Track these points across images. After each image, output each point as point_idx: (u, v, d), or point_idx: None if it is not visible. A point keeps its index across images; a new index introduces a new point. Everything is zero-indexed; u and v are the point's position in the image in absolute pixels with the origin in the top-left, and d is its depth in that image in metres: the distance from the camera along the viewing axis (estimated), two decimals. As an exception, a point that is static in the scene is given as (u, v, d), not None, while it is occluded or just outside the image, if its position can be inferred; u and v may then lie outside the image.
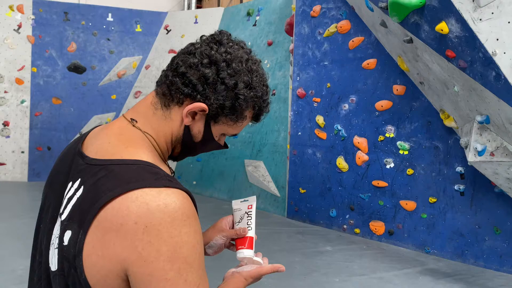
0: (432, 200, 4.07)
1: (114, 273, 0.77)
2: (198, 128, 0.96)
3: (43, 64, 7.32)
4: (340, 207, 4.81)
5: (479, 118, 3.06)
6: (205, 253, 1.18)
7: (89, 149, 0.91)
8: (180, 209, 0.78)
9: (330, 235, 4.64)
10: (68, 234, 0.81)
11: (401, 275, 3.51)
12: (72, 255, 0.79)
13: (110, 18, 7.57)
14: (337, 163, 4.81)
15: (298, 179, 5.24)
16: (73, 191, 0.85)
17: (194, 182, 6.91)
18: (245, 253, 1.13)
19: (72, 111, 7.45)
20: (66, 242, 0.81)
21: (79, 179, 0.85)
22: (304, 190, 5.16)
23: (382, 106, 4.41)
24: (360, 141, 4.60)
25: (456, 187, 3.90)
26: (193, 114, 0.93)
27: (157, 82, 0.97)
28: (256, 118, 1.02)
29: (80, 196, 0.82)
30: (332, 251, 4.11)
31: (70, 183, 0.87)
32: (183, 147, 0.98)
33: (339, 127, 4.79)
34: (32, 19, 7.26)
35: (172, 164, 7.18)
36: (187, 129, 0.95)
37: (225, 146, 1.04)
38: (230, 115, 0.94)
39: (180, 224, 0.77)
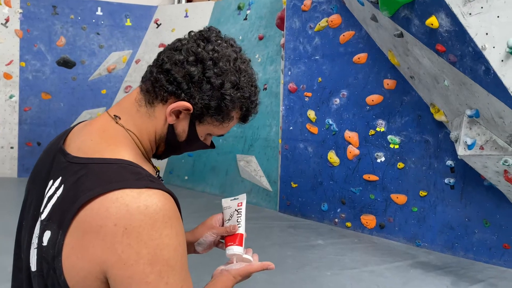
0: (422, 193, 4.10)
1: (93, 275, 0.76)
2: (182, 127, 0.93)
3: (32, 59, 7.23)
4: (331, 201, 4.84)
5: (468, 112, 3.08)
6: (195, 251, 1.18)
7: (71, 146, 0.89)
8: (161, 210, 0.76)
9: (321, 229, 4.67)
10: (47, 235, 0.79)
11: (392, 268, 3.55)
12: (51, 256, 0.78)
13: (99, 12, 7.48)
14: (329, 158, 4.83)
15: (289, 174, 5.25)
16: (54, 190, 0.83)
17: (186, 177, 6.90)
18: (235, 249, 1.13)
19: (62, 106, 7.37)
20: (45, 242, 0.79)
21: (60, 178, 0.83)
22: (296, 185, 5.18)
23: (373, 100, 4.43)
24: (351, 136, 4.62)
25: (446, 180, 3.94)
26: (177, 113, 0.90)
27: (142, 77, 0.94)
28: (243, 119, 0.98)
29: (60, 195, 0.80)
30: (324, 244, 4.13)
31: (51, 181, 0.85)
32: (167, 146, 0.96)
33: (330, 122, 4.80)
34: (20, 13, 7.16)
35: (163, 160, 7.15)
36: (171, 128, 0.92)
37: (212, 145, 1.02)
38: (216, 115, 0.91)
39: (161, 226, 0.75)
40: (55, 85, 7.34)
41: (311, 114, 4.99)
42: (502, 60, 2.49)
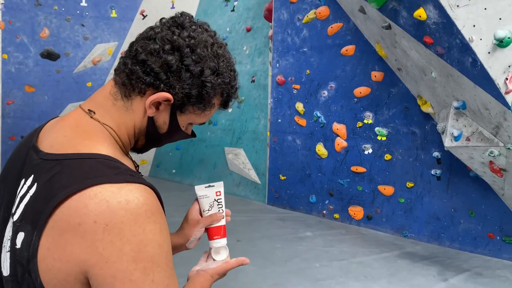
0: (409, 185, 4.14)
1: (72, 276, 0.71)
2: (163, 119, 0.90)
3: (15, 51, 7.08)
4: (319, 193, 4.86)
5: (455, 104, 3.10)
6: (186, 249, 1.16)
7: (43, 143, 0.84)
8: (143, 205, 0.73)
9: (310, 220, 4.69)
10: (20, 236, 0.75)
11: (380, 259, 3.58)
12: (25, 259, 0.73)
13: (84, 3, 7.34)
14: (317, 150, 4.84)
15: (278, 166, 5.25)
16: (26, 189, 0.78)
17: (174, 171, 6.85)
18: (222, 242, 1.12)
19: (46, 99, 7.25)
20: (18, 245, 0.75)
21: (32, 176, 0.79)
22: (284, 177, 5.18)
23: (360, 92, 4.44)
24: (339, 128, 4.63)
25: (433, 172, 3.97)
26: (157, 105, 0.87)
27: (115, 70, 0.89)
28: (224, 105, 0.96)
29: (33, 194, 0.76)
30: (312, 236, 4.15)
31: (23, 180, 0.80)
32: (148, 139, 0.92)
33: (319, 114, 4.80)
34: (2, 3, 6.99)
35: (151, 152, 7.09)
36: (151, 120, 0.89)
37: (193, 135, 0.99)
38: (198, 104, 0.88)
39: (144, 221, 0.72)
40: (39, 78, 7.20)
41: (300, 106, 4.99)
42: (489, 52, 2.51)
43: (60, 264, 0.71)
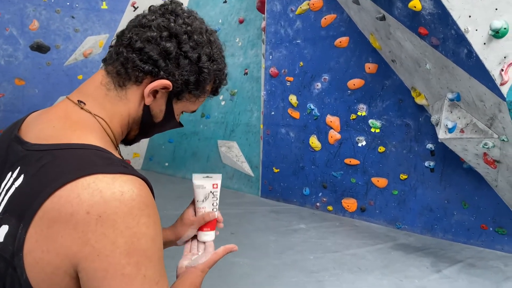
0: (403, 176, 4.14)
1: (61, 269, 0.68)
2: (159, 107, 0.88)
3: (4, 43, 6.96)
4: (313, 185, 4.85)
5: (450, 96, 3.10)
6: (176, 244, 1.14)
7: (28, 135, 0.81)
8: (137, 197, 0.71)
9: (303, 213, 4.68)
10: (4, 230, 0.71)
11: (374, 250, 3.59)
12: (10, 253, 0.69)
13: (74, -5, 7.23)
14: (310, 142, 4.82)
15: (271, 159, 5.23)
16: (12, 181, 0.75)
17: (167, 164, 6.81)
18: (212, 235, 1.11)
19: (37, 92, 7.15)
20: (1, 239, 0.71)
21: (18, 168, 0.75)
22: (278, 170, 5.17)
23: (354, 84, 4.42)
24: (333, 120, 4.61)
25: (426, 163, 3.98)
26: (155, 93, 0.85)
27: (104, 60, 0.87)
28: (215, 91, 0.97)
29: (20, 186, 0.73)
30: (306, 228, 4.15)
31: (9, 174, 0.76)
32: (142, 128, 0.91)
33: (312, 106, 4.78)
34: (-10, -5, 6.86)
35: (143, 145, 7.04)
36: (147, 109, 0.87)
37: (180, 124, 0.98)
38: (194, 90, 0.88)
39: (138, 213, 0.70)
40: (29, 71, 7.10)
41: (293, 98, 4.96)
42: (484, 43, 2.50)
43: (49, 256, 0.68)
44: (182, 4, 0.91)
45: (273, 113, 5.19)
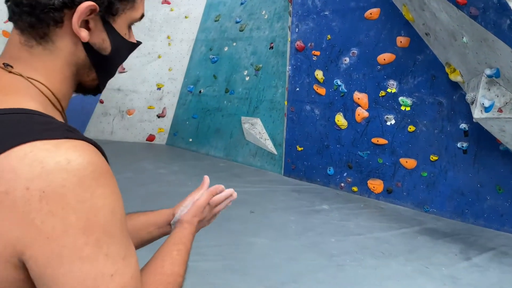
0: (433, 158, 3.93)
1: (2, 259, 0.57)
2: (100, 37, 0.74)
3: None
4: (338, 165, 4.69)
5: (488, 72, 2.85)
6: (168, 231, 1.01)
7: None
8: (89, 165, 0.59)
9: (327, 193, 4.55)
10: None
11: (399, 234, 3.43)
12: None
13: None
14: (336, 120, 4.64)
15: (295, 137, 5.09)
16: None
17: (191, 140, 6.77)
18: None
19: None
20: None
21: None
22: (302, 148, 5.02)
23: (384, 59, 4.18)
24: (360, 97, 4.40)
25: (459, 144, 3.75)
26: (85, 24, 0.71)
27: (11, 18, 0.73)
28: None
29: None
30: (329, 209, 4.01)
31: None
32: (96, 69, 0.77)
33: (339, 82, 4.58)
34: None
35: (168, 120, 7.00)
36: (88, 46, 0.73)
37: (137, 43, 0.83)
38: None
39: (91, 184, 0.59)
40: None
41: (319, 74, 4.76)
42: (530, 12, 2.25)
43: None
44: None
45: (298, 89, 5.01)
